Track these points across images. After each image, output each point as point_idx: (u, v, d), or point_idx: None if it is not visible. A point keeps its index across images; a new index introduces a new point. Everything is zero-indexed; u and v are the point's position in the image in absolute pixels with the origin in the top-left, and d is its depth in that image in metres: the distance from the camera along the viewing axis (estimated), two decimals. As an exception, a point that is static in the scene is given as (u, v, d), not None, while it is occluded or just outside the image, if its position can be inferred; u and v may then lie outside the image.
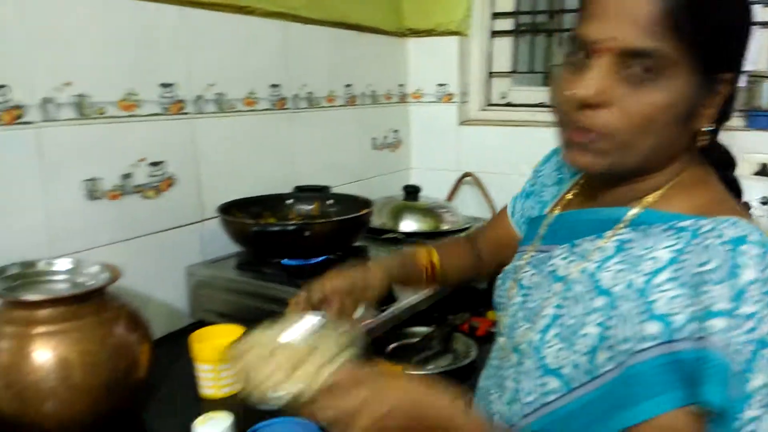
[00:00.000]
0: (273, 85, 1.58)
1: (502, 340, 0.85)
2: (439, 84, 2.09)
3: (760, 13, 1.61)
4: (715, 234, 0.63)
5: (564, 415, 0.69)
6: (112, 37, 1.19)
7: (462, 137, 2.09)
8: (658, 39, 0.62)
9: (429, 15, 2.05)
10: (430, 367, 1.21)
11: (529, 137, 1.88)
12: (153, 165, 1.28)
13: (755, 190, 1.61)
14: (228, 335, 1.09)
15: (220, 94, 1.42)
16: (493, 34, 2.10)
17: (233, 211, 1.35)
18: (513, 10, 2.06)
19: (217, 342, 1.07)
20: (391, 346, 1.31)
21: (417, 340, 1.32)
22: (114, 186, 1.21)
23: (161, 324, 1.29)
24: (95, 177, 1.18)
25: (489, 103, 2.15)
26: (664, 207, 0.71)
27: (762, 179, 1.61)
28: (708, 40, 0.63)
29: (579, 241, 0.76)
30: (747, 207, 0.80)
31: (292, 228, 1.25)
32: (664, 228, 0.68)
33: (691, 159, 0.73)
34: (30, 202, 1.08)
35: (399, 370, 0.74)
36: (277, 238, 1.25)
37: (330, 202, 1.52)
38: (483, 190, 2.03)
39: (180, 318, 1.35)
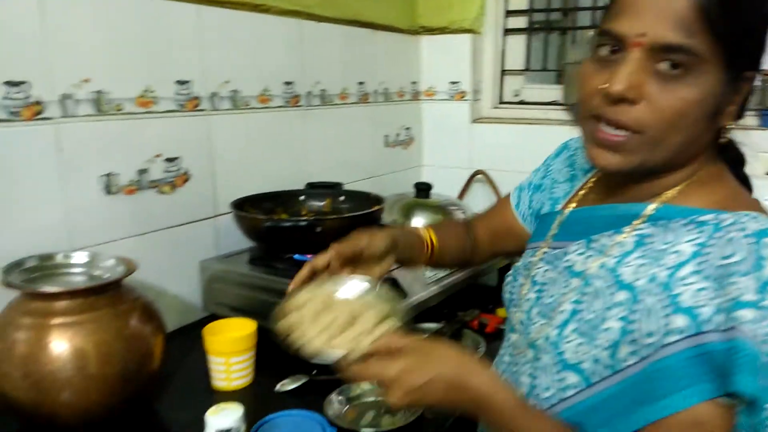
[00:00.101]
0: (287, 83, 1.59)
1: (515, 336, 0.85)
2: (452, 82, 2.09)
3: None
4: (738, 227, 0.63)
5: (583, 410, 0.70)
6: (129, 35, 1.20)
7: (474, 135, 2.09)
8: (690, 35, 0.62)
9: (443, 13, 2.05)
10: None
11: (542, 135, 1.87)
12: (168, 161, 1.30)
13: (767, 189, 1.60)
14: (240, 329, 1.11)
15: (234, 91, 1.44)
16: (507, 31, 2.10)
17: (246, 207, 1.37)
18: (527, 7, 2.06)
19: (229, 335, 1.10)
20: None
21: (426, 336, 1.33)
22: (130, 181, 1.23)
23: (174, 317, 1.31)
24: (112, 172, 1.20)
25: (501, 101, 2.15)
26: (682, 202, 0.71)
27: (774, 178, 1.59)
28: (738, 38, 0.64)
29: (596, 237, 0.76)
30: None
31: (303, 224, 1.27)
32: (684, 223, 0.69)
33: (710, 156, 0.74)
34: (49, 196, 1.10)
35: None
36: (289, 233, 1.26)
37: (342, 198, 1.54)
38: (494, 188, 2.03)
39: (193, 311, 1.37)
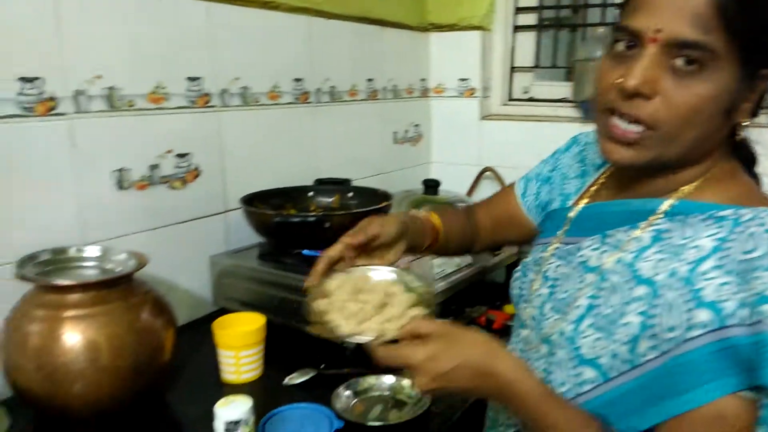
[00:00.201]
0: (296, 79, 1.60)
1: (525, 332, 0.85)
2: (461, 79, 2.09)
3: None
4: (758, 222, 0.64)
5: (600, 405, 0.70)
6: (141, 32, 1.22)
7: (483, 132, 2.09)
8: (706, 32, 0.63)
9: (452, 10, 2.05)
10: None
11: (551, 132, 1.87)
12: (179, 156, 1.31)
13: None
14: (249, 323, 1.12)
15: (244, 87, 1.45)
16: (516, 28, 2.09)
17: (256, 203, 1.38)
18: (536, 4, 2.05)
19: (239, 329, 1.11)
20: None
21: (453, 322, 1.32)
22: (142, 176, 1.25)
23: (185, 311, 1.33)
24: (124, 167, 1.21)
25: (511, 98, 2.14)
26: (698, 198, 0.72)
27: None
28: (755, 35, 0.64)
29: (611, 232, 0.76)
30: None
31: (312, 219, 1.28)
32: (702, 218, 0.69)
33: (724, 153, 0.74)
34: (62, 191, 1.12)
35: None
36: (298, 229, 1.27)
37: (350, 194, 1.54)
38: (503, 185, 2.02)
39: (203, 305, 1.38)
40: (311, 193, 1.55)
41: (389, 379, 1.06)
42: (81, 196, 1.15)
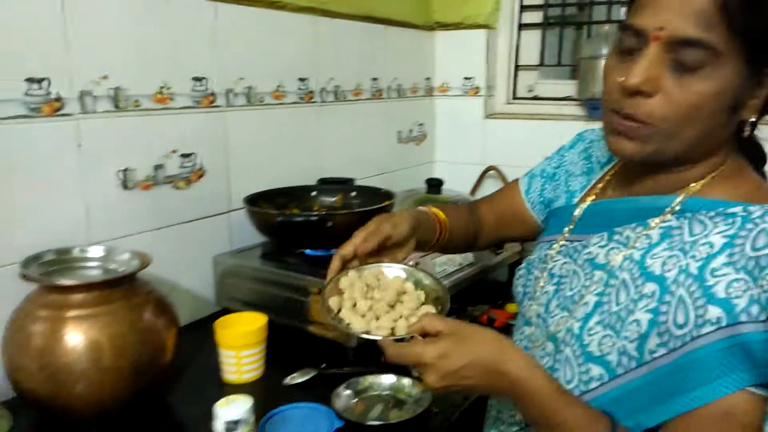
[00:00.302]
0: (301, 79, 1.60)
1: (530, 329, 0.85)
2: (466, 77, 2.09)
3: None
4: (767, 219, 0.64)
5: (607, 402, 0.70)
6: (147, 33, 1.22)
7: (487, 131, 2.09)
8: (707, 29, 0.63)
9: (458, 8, 2.05)
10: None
11: (555, 131, 1.86)
12: (184, 156, 1.32)
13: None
14: (250, 322, 1.12)
15: (249, 87, 1.46)
16: (522, 26, 2.09)
17: (259, 202, 1.39)
18: (542, 2, 2.04)
19: (240, 329, 1.11)
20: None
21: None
22: (146, 176, 1.25)
23: (188, 311, 1.33)
24: (129, 167, 1.22)
25: (515, 97, 2.14)
26: (707, 195, 0.72)
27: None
28: (760, 33, 0.64)
29: (619, 229, 0.77)
30: None
31: (314, 219, 1.28)
32: (711, 215, 0.69)
33: (732, 150, 0.74)
34: (68, 191, 1.12)
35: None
36: (300, 228, 1.27)
37: (353, 194, 1.55)
38: (506, 183, 2.03)
39: (206, 305, 1.39)
40: (314, 193, 1.56)
41: (389, 379, 1.07)
42: (86, 196, 1.15)
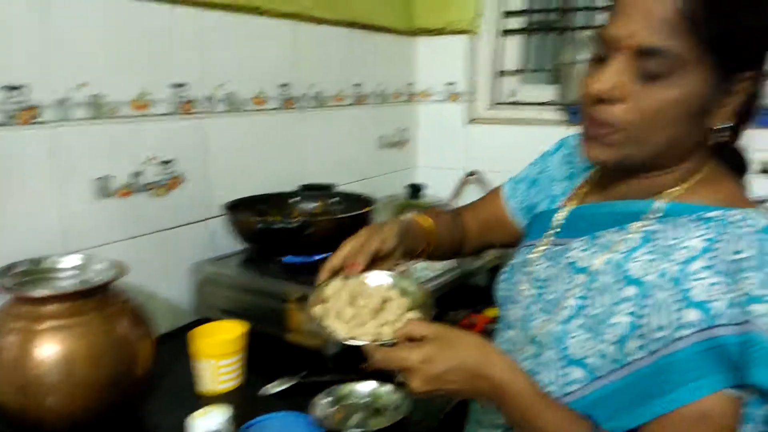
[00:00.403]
0: (282, 85, 1.60)
1: (511, 333, 0.86)
2: (448, 83, 2.09)
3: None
4: (747, 223, 0.65)
5: (587, 404, 0.71)
6: (126, 39, 1.21)
7: (469, 136, 2.09)
8: (672, 38, 0.64)
9: (440, 14, 2.05)
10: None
11: (537, 136, 1.84)
12: (163, 163, 1.31)
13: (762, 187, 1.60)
14: (227, 331, 1.11)
15: (230, 93, 1.45)
16: (504, 32, 2.09)
17: (240, 209, 1.38)
18: (524, 8, 2.05)
19: (218, 337, 1.10)
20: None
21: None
22: (124, 184, 1.24)
23: (166, 320, 1.31)
24: (107, 175, 1.20)
25: (497, 102, 2.14)
26: (687, 200, 0.73)
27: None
28: (726, 40, 0.64)
29: (600, 233, 0.77)
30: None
31: (294, 225, 1.27)
32: (691, 219, 0.70)
33: (709, 155, 0.75)
34: (44, 200, 1.11)
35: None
36: (281, 235, 1.27)
37: (334, 200, 1.54)
38: (488, 188, 2.03)
39: (185, 314, 1.37)
40: (295, 199, 1.55)
41: (369, 386, 1.06)
42: (63, 204, 1.14)
